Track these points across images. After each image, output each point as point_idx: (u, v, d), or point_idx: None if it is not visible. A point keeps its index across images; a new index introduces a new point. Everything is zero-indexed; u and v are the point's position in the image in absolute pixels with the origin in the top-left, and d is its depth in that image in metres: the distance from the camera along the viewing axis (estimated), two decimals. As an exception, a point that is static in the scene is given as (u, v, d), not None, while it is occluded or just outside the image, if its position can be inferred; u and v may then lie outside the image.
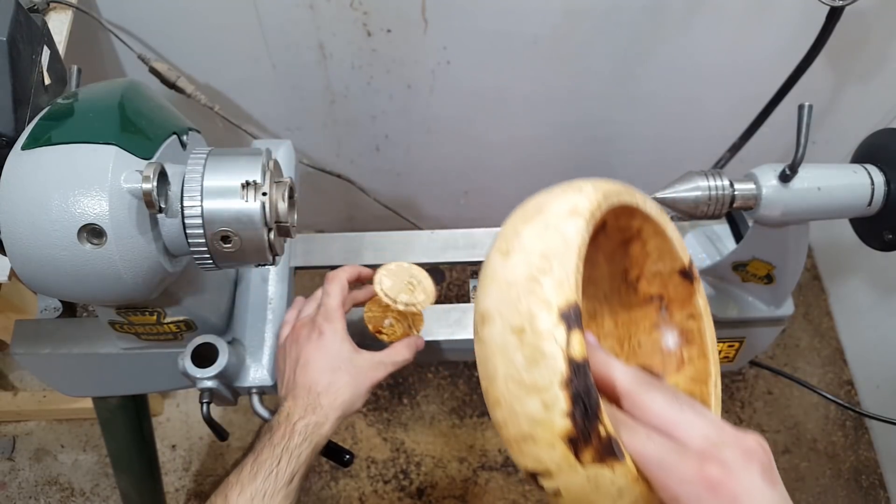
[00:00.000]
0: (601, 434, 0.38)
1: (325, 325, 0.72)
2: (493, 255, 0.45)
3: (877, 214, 0.72)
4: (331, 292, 0.75)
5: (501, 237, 0.46)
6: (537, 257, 0.41)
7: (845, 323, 1.73)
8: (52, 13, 0.99)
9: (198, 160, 0.59)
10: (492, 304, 0.42)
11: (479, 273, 0.46)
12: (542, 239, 0.43)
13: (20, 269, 0.58)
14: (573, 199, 0.45)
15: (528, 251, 0.42)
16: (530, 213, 0.46)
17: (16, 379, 1.62)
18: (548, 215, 0.44)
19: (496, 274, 0.43)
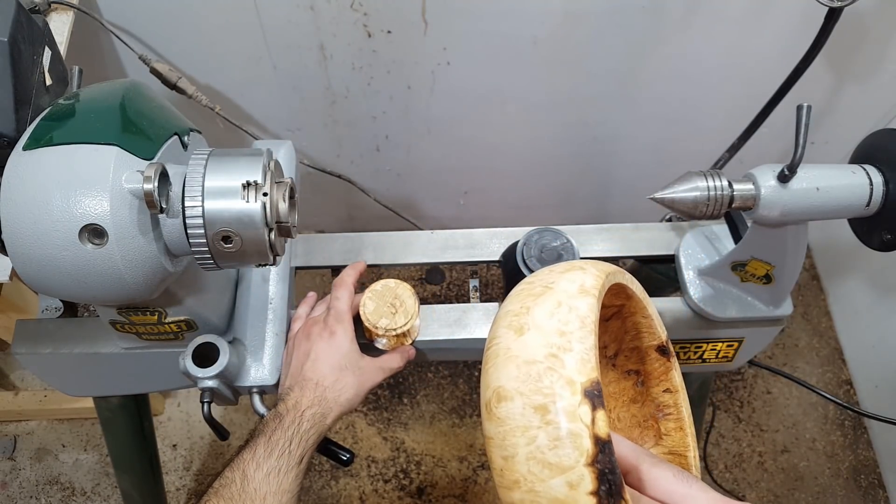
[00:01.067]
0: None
1: (336, 326, 0.77)
2: (502, 331, 0.44)
3: (875, 215, 0.72)
4: (340, 296, 0.80)
5: (509, 314, 0.45)
6: (555, 335, 0.41)
7: (844, 323, 1.73)
8: (54, 14, 0.99)
9: (199, 160, 0.60)
10: (509, 382, 0.41)
11: (487, 350, 0.45)
12: (555, 317, 0.43)
13: (21, 269, 0.59)
14: (579, 278, 0.45)
15: (543, 329, 0.42)
16: (538, 290, 0.46)
17: (17, 379, 1.63)
18: (558, 293, 0.44)
19: (510, 351, 0.43)
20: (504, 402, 0.41)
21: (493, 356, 0.44)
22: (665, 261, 0.96)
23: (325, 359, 0.75)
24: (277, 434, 0.67)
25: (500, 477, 0.41)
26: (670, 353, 0.56)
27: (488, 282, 1.78)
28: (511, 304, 0.46)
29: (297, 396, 0.72)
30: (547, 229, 0.83)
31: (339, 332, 0.77)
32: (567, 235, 0.82)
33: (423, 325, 0.88)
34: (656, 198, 0.70)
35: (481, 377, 0.45)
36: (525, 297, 0.46)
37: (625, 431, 0.57)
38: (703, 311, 0.88)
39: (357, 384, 0.76)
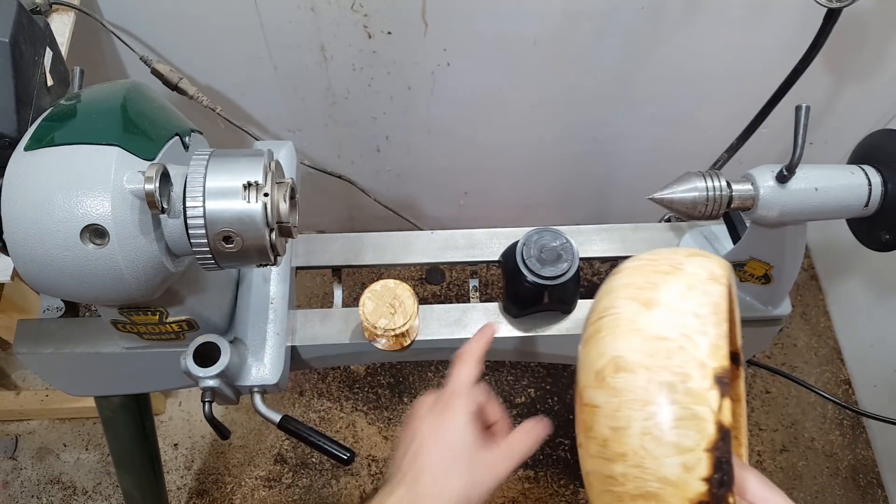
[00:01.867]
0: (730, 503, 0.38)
1: (452, 401, 0.61)
2: (623, 302, 0.44)
3: (874, 215, 0.72)
4: (461, 371, 0.65)
5: (631, 286, 0.44)
6: (690, 316, 0.41)
7: (843, 322, 1.73)
8: (55, 15, 1.00)
9: (200, 161, 0.60)
10: (632, 354, 0.41)
11: (600, 319, 0.44)
12: (689, 299, 0.42)
13: (23, 270, 0.59)
14: (707, 265, 0.44)
15: (676, 308, 0.41)
16: (664, 268, 0.44)
17: (18, 378, 1.63)
18: (688, 276, 0.43)
19: (636, 323, 0.42)
20: (623, 373, 0.40)
21: (612, 325, 0.43)
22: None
23: (430, 447, 0.58)
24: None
25: (603, 447, 0.40)
26: (740, 361, 0.54)
27: (488, 282, 1.78)
28: (632, 277, 0.45)
29: (385, 496, 0.56)
30: (546, 229, 0.83)
31: (454, 411, 0.60)
32: (566, 236, 0.82)
33: (423, 324, 0.88)
34: (655, 198, 0.71)
35: (588, 344, 0.44)
36: (650, 273, 0.44)
37: None
38: (702, 310, 0.89)
39: (467, 485, 0.56)
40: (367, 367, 1.68)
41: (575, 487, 1.55)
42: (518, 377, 1.68)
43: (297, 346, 0.87)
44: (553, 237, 0.82)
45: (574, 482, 1.56)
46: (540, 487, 1.55)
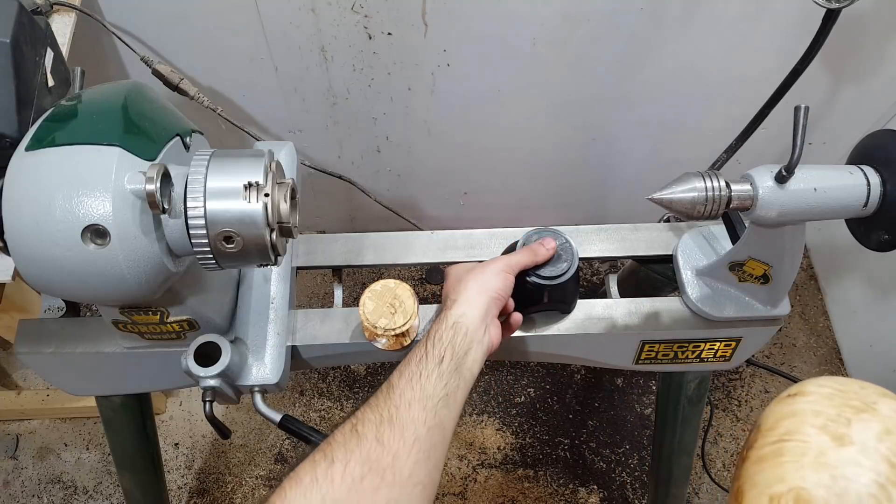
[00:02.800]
0: None
1: (487, 265, 0.76)
2: (813, 431, 0.43)
3: (873, 215, 0.72)
4: (500, 260, 0.78)
5: (820, 415, 0.43)
6: (884, 463, 0.40)
7: (841, 322, 1.74)
8: (56, 15, 1.00)
9: (201, 161, 0.60)
10: (818, 489, 0.40)
11: (784, 442, 0.43)
12: (885, 443, 0.41)
13: (24, 270, 0.59)
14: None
15: (870, 451, 0.41)
16: (855, 403, 0.44)
17: (19, 378, 1.63)
18: (884, 418, 0.42)
19: (825, 457, 0.41)
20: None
21: (798, 452, 0.42)
22: (663, 261, 0.96)
23: (469, 282, 0.74)
24: (419, 344, 0.68)
25: None
26: None
27: (488, 282, 1.78)
28: (822, 405, 0.44)
29: (437, 314, 0.73)
30: (546, 229, 0.83)
31: (488, 268, 0.75)
32: (566, 235, 0.82)
33: (423, 324, 0.88)
34: (654, 198, 0.71)
35: (765, 463, 0.43)
36: (841, 406, 0.43)
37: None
38: (701, 310, 0.89)
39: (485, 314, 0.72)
40: (367, 367, 1.68)
41: (574, 487, 1.55)
42: (518, 377, 1.68)
43: (297, 345, 0.87)
44: (552, 237, 0.82)
45: (573, 482, 1.56)
46: (539, 486, 1.55)
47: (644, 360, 0.95)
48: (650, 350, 0.93)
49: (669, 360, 0.95)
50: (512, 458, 1.58)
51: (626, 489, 1.56)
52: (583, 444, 1.61)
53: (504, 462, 1.58)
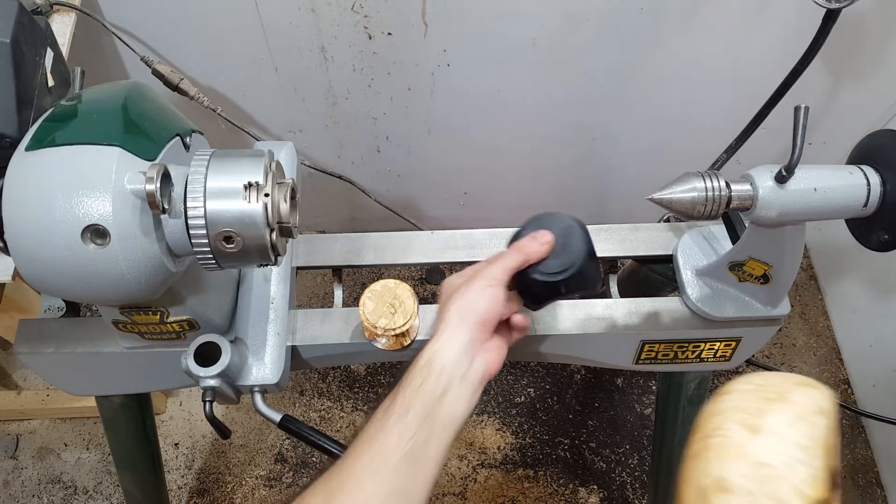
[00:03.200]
0: None
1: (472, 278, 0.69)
2: (732, 426, 0.47)
3: (873, 215, 0.72)
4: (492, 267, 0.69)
5: (739, 410, 0.47)
6: (794, 447, 0.44)
7: (841, 322, 1.74)
8: (56, 15, 1.00)
9: (201, 161, 0.60)
10: (736, 478, 0.44)
11: (708, 438, 0.47)
12: (795, 429, 0.45)
13: (24, 270, 0.59)
14: (815, 396, 0.48)
15: (782, 437, 0.45)
16: (772, 395, 0.48)
17: (19, 378, 1.63)
18: (796, 406, 0.47)
19: (743, 449, 0.45)
20: (726, 495, 0.43)
21: (719, 447, 0.46)
22: (663, 261, 0.96)
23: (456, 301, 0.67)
24: (392, 392, 0.64)
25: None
26: (838, 482, 0.54)
27: (488, 282, 1.78)
28: (742, 401, 0.48)
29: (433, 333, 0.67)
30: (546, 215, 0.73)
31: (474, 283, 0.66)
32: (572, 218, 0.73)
33: (423, 324, 0.88)
34: (654, 198, 0.71)
35: (694, 461, 0.47)
36: (756, 399, 0.48)
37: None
38: (700, 310, 0.89)
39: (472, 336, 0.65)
40: (367, 367, 1.68)
41: (574, 487, 1.55)
42: (518, 377, 1.68)
43: (297, 345, 0.87)
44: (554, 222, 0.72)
45: (573, 482, 1.56)
46: (539, 486, 1.55)
47: (644, 360, 0.95)
48: (650, 350, 0.93)
49: (669, 360, 0.95)
50: (512, 458, 1.58)
51: (626, 489, 1.56)
52: (583, 444, 1.61)
53: (504, 462, 1.58)
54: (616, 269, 1.02)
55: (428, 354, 0.61)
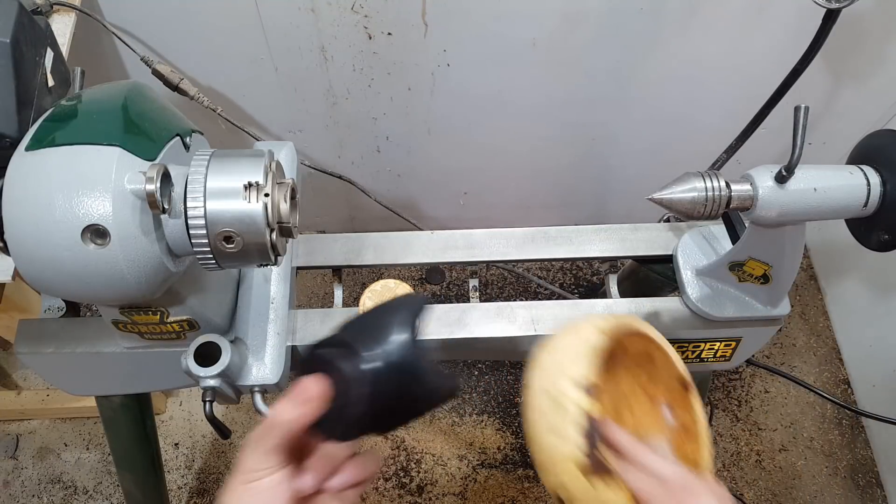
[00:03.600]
0: (602, 463, 0.57)
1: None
2: (540, 351, 0.65)
3: (873, 215, 0.72)
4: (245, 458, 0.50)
5: (545, 340, 0.66)
6: (572, 354, 0.62)
7: (841, 322, 1.74)
8: (56, 15, 1.00)
9: (201, 161, 0.60)
10: (534, 379, 0.63)
11: (531, 361, 0.65)
12: (573, 343, 0.63)
13: (24, 270, 0.59)
14: (598, 322, 0.65)
15: (565, 349, 0.63)
16: (568, 328, 0.66)
17: (19, 378, 1.63)
18: (580, 330, 0.64)
19: (541, 362, 0.64)
20: (529, 389, 0.63)
21: (533, 364, 0.65)
22: (663, 261, 0.96)
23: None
24: None
25: (527, 437, 0.62)
26: (689, 385, 0.68)
27: (488, 282, 1.78)
28: (552, 336, 0.67)
29: None
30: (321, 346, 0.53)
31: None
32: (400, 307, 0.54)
33: (422, 324, 0.88)
34: (654, 198, 0.71)
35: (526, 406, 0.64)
36: (558, 333, 0.67)
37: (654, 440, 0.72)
38: (701, 310, 0.89)
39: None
40: (367, 367, 1.68)
41: (575, 487, 1.55)
42: (518, 377, 1.68)
43: (297, 345, 0.87)
44: (317, 375, 0.49)
45: (574, 482, 1.56)
46: (539, 487, 1.55)
47: (644, 360, 0.95)
48: (650, 350, 0.93)
49: (669, 360, 0.95)
50: (512, 458, 1.58)
51: (626, 489, 1.56)
52: (583, 443, 1.60)
53: (504, 462, 1.58)
54: (616, 269, 1.02)
55: None
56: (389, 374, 0.47)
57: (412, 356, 0.47)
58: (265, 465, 0.47)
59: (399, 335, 0.48)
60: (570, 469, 0.56)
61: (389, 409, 0.49)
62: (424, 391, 0.48)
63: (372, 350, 0.47)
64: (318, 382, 0.47)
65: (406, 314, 0.49)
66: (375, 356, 0.47)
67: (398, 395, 0.48)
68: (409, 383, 0.47)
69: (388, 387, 0.47)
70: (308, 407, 0.48)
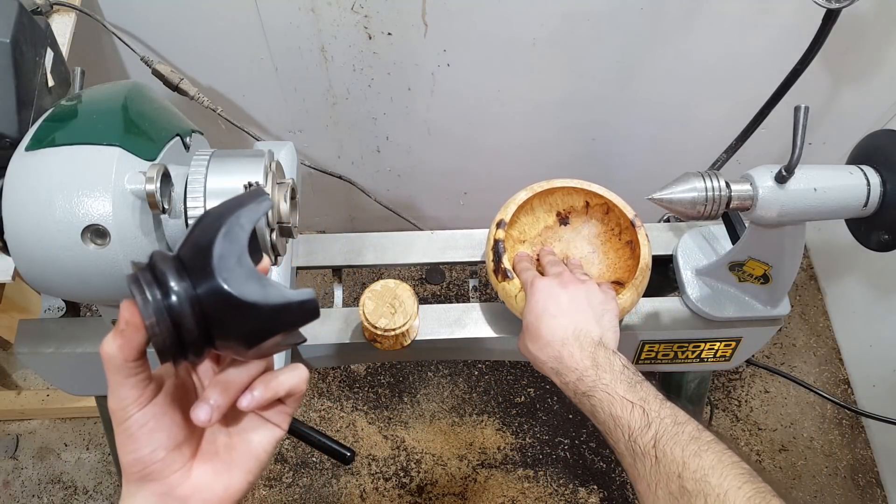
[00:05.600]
0: (504, 268, 0.82)
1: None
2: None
3: (872, 215, 0.72)
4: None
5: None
6: (505, 207, 0.90)
7: (841, 322, 1.74)
8: (56, 15, 1.00)
9: (201, 161, 0.60)
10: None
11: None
12: (508, 201, 0.90)
13: (24, 270, 0.59)
14: (533, 187, 0.91)
15: (504, 206, 0.90)
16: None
17: (19, 378, 1.63)
18: (519, 193, 0.91)
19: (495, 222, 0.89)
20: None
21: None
22: (663, 261, 0.96)
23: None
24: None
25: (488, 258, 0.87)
26: (637, 224, 0.87)
27: (488, 282, 1.78)
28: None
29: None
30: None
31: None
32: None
33: (422, 324, 0.89)
34: (654, 198, 0.71)
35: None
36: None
37: (621, 272, 0.89)
38: (701, 310, 0.89)
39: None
40: (367, 367, 1.68)
41: (574, 487, 1.55)
42: (518, 377, 1.68)
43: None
44: (131, 293, 0.43)
45: (573, 481, 1.56)
46: (539, 487, 1.55)
47: (644, 360, 0.95)
48: (650, 350, 0.93)
49: (669, 360, 0.95)
50: (512, 459, 1.58)
51: (627, 489, 1.56)
52: (583, 444, 1.61)
53: (504, 462, 1.58)
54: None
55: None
56: (210, 297, 0.42)
57: (235, 278, 0.42)
58: (125, 401, 0.45)
59: (221, 252, 0.42)
60: (490, 274, 0.85)
61: (231, 332, 0.43)
62: (267, 313, 0.43)
63: (191, 269, 0.42)
64: (129, 308, 0.42)
65: (234, 223, 0.43)
66: (194, 275, 0.42)
67: (226, 319, 0.42)
68: (235, 308, 0.42)
69: (213, 311, 0.42)
70: (127, 335, 0.43)
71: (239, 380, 0.46)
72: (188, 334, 0.42)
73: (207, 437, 0.47)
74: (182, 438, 0.46)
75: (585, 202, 0.93)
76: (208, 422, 0.44)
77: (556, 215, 0.94)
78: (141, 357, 0.44)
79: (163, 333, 0.42)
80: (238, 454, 0.47)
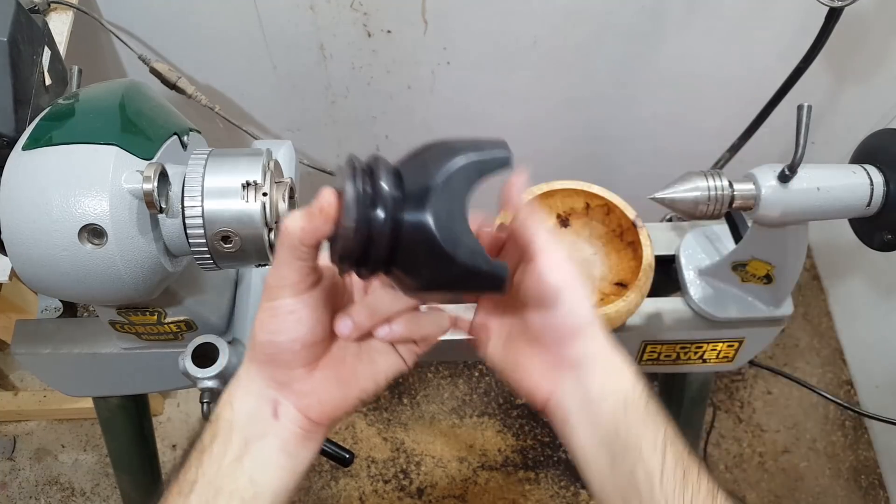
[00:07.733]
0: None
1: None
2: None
3: (876, 215, 0.72)
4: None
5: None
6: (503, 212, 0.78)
7: (844, 323, 1.73)
8: (53, 14, 0.99)
9: (198, 160, 0.60)
10: None
11: None
12: None
13: (21, 270, 0.59)
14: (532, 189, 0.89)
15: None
16: None
17: (16, 379, 1.63)
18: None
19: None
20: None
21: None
22: (665, 261, 0.96)
23: None
24: None
25: None
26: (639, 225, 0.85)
27: (488, 282, 1.78)
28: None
29: None
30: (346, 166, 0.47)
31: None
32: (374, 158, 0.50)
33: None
34: (657, 198, 0.70)
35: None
36: None
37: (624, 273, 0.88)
38: (703, 311, 0.88)
39: None
40: (366, 368, 1.68)
41: (576, 489, 1.55)
42: (518, 378, 1.68)
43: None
44: (337, 182, 0.46)
45: (574, 484, 1.55)
46: (540, 489, 1.55)
47: (646, 361, 0.94)
48: (652, 351, 0.92)
49: (672, 361, 0.94)
50: (512, 461, 1.58)
51: (627, 490, 1.56)
52: (583, 445, 1.60)
53: (504, 464, 1.57)
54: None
55: (221, 401, 0.46)
56: (413, 229, 0.40)
57: (445, 223, 0.40)
58: (284, 280, 0.43)
59: (441, 191, 0.41)
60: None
61: (413, 269, 0.41)
62: (457, 269, 0.40)
63: (407, 191, 0.42)
64: (329, 196, 0.43)
65: (471, 169, 0.43)
66: (407, 199, 0.42)
67: (417, 257, 0.41)
68: (431, 251, 0.40)
69: (409, 242, 0.40)
70: (328, 213, 0.43)
71: (386, 309, 0.46)
72: (374, 253, 0.41)
73: (338, 345, 0.47)
74: (320, 338, 0.45)
75: (586, 204, 0.92)
76: (347, 337, 0.45)
77: (557, 217, 0.93)
78: (317, 245, 0.43)
79: (354, 242, 0.41)
80: (360, 372, 0.47)
